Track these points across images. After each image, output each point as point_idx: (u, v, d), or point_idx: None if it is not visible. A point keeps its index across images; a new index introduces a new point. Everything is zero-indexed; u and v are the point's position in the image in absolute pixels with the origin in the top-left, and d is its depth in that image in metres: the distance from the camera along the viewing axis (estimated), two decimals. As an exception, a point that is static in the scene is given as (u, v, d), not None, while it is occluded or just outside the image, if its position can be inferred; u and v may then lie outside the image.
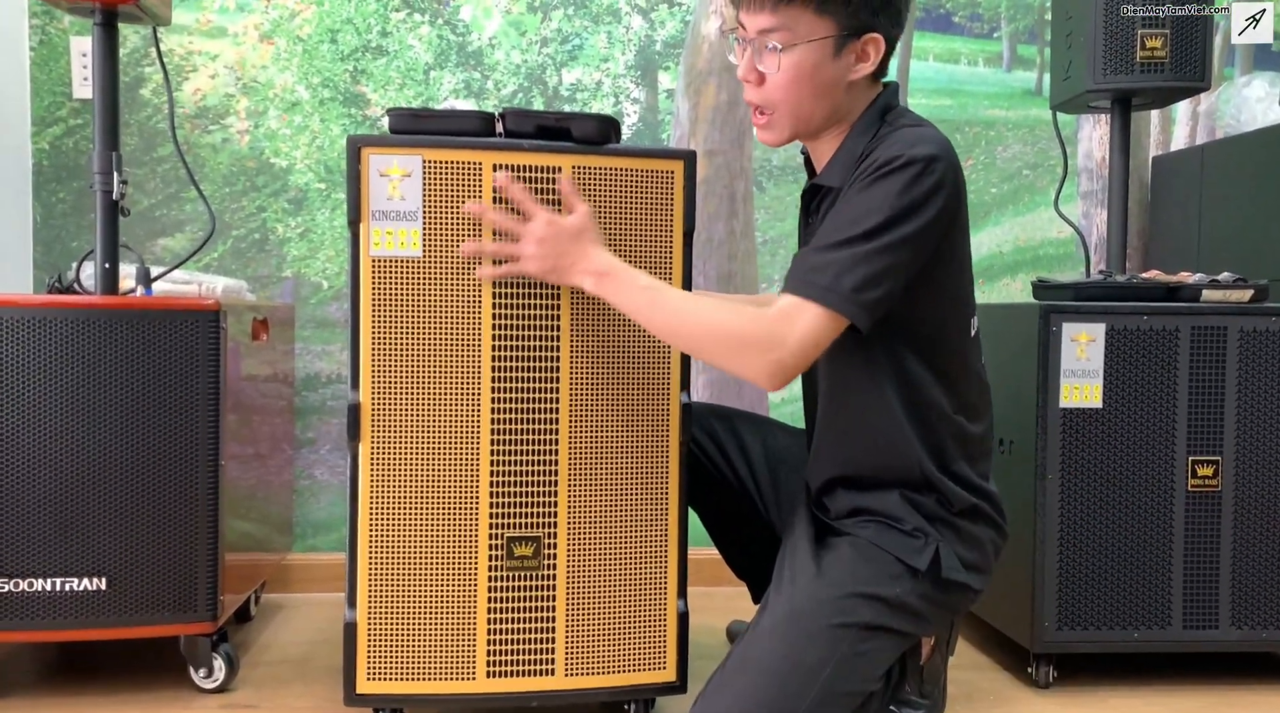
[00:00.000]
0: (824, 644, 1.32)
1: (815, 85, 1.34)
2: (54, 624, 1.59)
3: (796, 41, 1.31)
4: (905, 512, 1.40)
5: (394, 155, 1.42)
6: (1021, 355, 1.79)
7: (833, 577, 1.37)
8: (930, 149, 1.27)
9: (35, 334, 1.59)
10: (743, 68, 1.37)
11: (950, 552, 1.39)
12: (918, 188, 1.26)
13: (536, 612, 1.46)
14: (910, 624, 1.39)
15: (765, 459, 1.68)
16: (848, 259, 1.25)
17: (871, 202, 1.26)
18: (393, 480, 1.44)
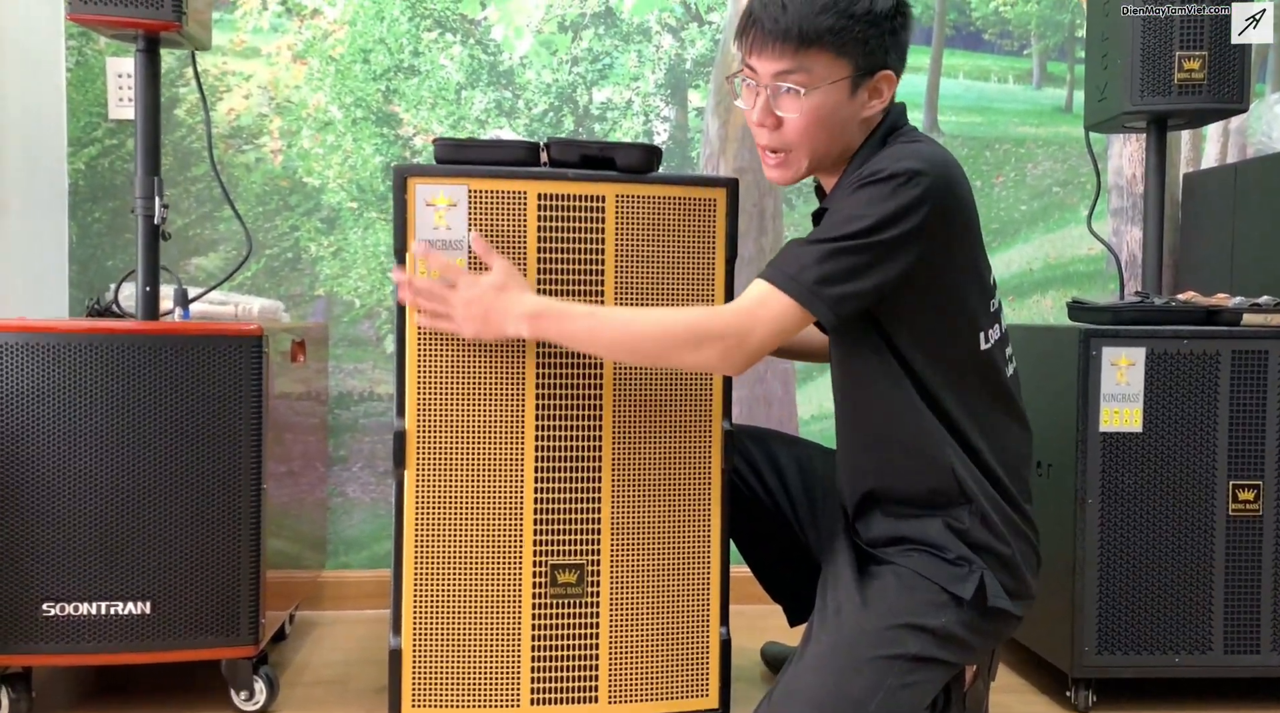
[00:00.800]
0: (871, 676, 1.32)
1: (832, 126, 1.34)
2: (99, 648, 1.60)
3: (815, 84, 1.30)
4: (948, 540, 1.39)
5: (440, 185, 1.43)
6: (1059, 378, 1.79)
7: (878, 607, 1.37)
8: (914, 163, 1.26)
9: (80, 359, 1.60)
10: (757, 113, 1.34)
11: (994, 579, 1.38)
12: (896, 198, 1.25)
13: (580, 639, 1.47)
14: (956, 654, 1.39)
15: (800, 481, 1.68)
16: (815, 254, 1.27)
17: (850, 208, 1.28)
18: (437, 507, 1.45)
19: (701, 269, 1.49)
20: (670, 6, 2.46)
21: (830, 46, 1.29)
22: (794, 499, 1.68)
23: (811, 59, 1.29)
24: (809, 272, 1.26)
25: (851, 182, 1.31)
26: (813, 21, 1.27)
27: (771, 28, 1.28)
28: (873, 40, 1.30)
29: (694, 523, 1.50)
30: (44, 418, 1.59)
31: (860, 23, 1.28)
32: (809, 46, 1.28)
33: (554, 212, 1.44)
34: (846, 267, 1.26)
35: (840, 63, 1.30)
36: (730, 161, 2.48)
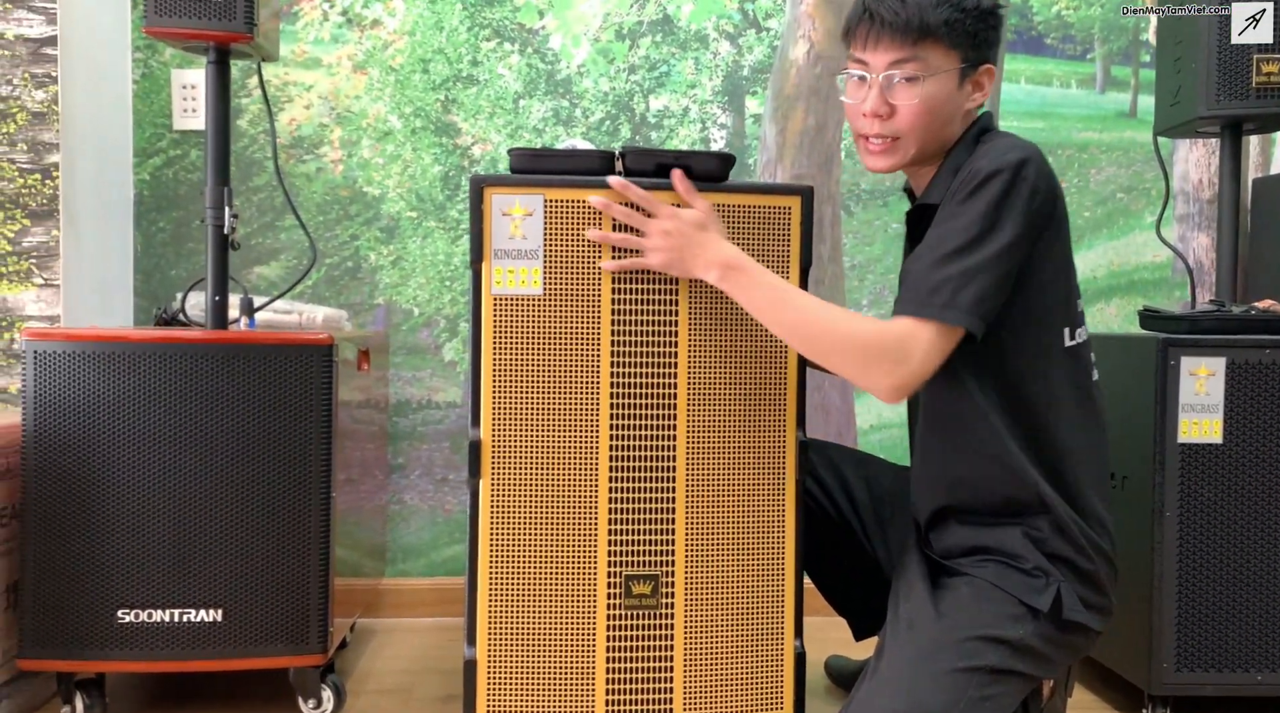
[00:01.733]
0: (949, 689, 1.30)
1: (941, 115, 1.39)
2: (171, 655, 1.61)
3: (929, 74, 1.36)
4: (1026, 549, 1.37)
5: (516, 195, 1.42)
6: (1135, 388, 1.75)
7: (954, 619, 1.35)
8: (1019, 154, 1.30)
9: (152, 369, 1.61)
10: (871, 103, 1.39)
11: (1071, 591, 1.36)
12: (1013, 194, 1.29)
13: (655, 651, 1.45)
14: (1034, 667, 1.36)
15: (868, 494, 1.67)
16: (959, 274, 1.28)
17: (973, 213, 1.30)
18: (512, 518, 1.44)
19: (776, 278, 1.47)
20: (728, 13, 2.45)
21: (944, 38, 1.35)
22: (861, 512, 1.66)
23: (927, 49, 1.36)
24: (961, 295, 1.28)
25: (959, 184, 1.33)
26: (930, 14, 1.34)
27: (891, 19, 1.35)
28: (980, 34, 1.37)
29: (768, 534, 1.49)
30: (117, 426, 1.60)
31: (970, 16, 1.36)
32: (925, 38, 1.35)
33: (630, 220, 1.43)
34: (992, 279, 1.29)
35: (952, 54, 1.36)
36: (788, 168, 2.46)
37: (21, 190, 1.98)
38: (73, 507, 1.60)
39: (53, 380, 1.60)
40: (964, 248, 1.29)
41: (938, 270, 1.29)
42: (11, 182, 1.98)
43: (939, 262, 1.30)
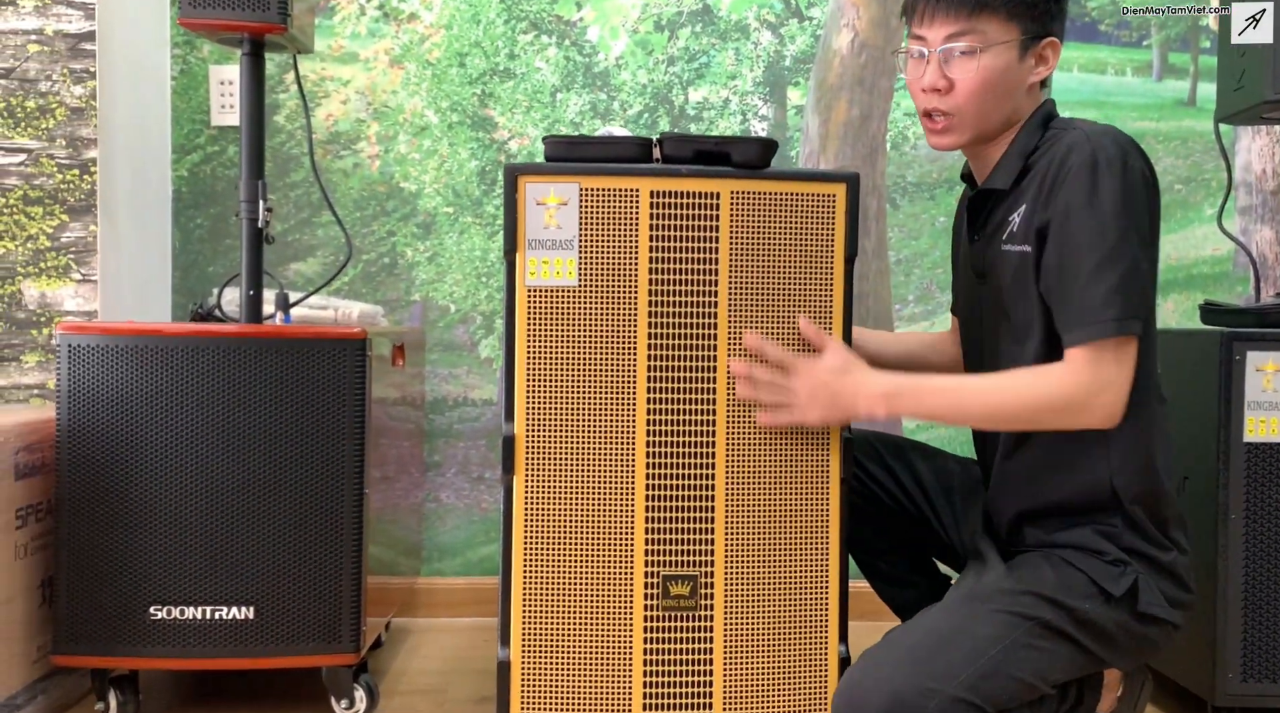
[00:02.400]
0: (998, 625, 1.28)
1: (1001, 89, 1.36)
2: (204, 653, 1.60)
3: (987, 46, 1.33)
4: (1102, 544, 1.35)
5: (551, 183, 1.38)
6: (1198, 385, 1.67)
7: (1021, 575, 1.34)
8: (1117, 149, 1.28)
9: (187, 362, 1.60)
10: (929, 77, 1.36)
11: (1150, 585, 1.33)
12: (1130, 178, 1.27)
13: (693, 654, 1.40)
14: (1096, 644, 1.32)
15: (939, 486, 1.61)
16: (1116, 282, 1.26)
17: (1104, 214, 1.27)
18: (547, 515, 1.40)
19: (820, 268, 1.42)
20: (769, 2, 2.39)
21: (1002, 9, 1.32)
22: (936, 506, 1.61)
23: (984, 21, 1.33)
24: (1130, 303, 1.26)
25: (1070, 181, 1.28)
26: None
27: None
28: (1039, 5, 1.34)
29: (811, 534, 1.43)
30: (150, 421, 1.59)
31: None
32: (982, 9, 1.32)
33: (667, 209, 1.39)
34: (1145, 274, 1.29)
35: (1011, 25, 1.33)
36: (831, 160, 2.40)
37: (60, 186, 1.98)
38: (106, 502, 1.58)
39: (87, 375, 1.59)
40: (1113, 253, 1.26)
41: (1097, 284, 1.26)
42: (50, 177, 1.98)
43: (1094, 274, 1.26)
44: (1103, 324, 1.26)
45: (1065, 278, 1.29)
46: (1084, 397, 1.28)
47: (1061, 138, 1.32)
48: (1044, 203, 1.31)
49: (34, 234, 1.98)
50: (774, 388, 1.38)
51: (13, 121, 1.97)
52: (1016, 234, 1.36)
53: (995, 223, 1.41)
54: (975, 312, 1.49)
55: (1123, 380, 1.28)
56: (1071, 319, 1.28)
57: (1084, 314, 1.27)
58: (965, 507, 1.56)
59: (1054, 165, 1.30)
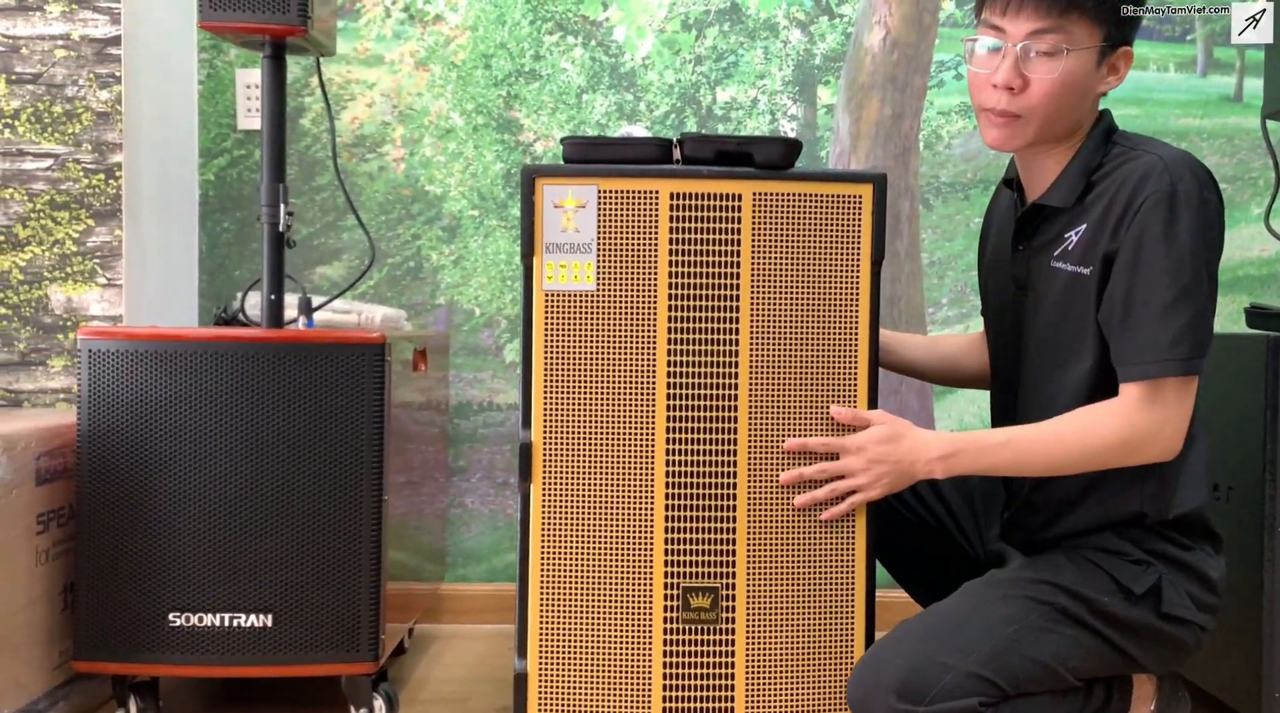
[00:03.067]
0: (1014, 607, 1.28)
1: (1076, 95, 1.31)
2: (222, 660, 1.58)
3: (1072, 47, 1.28)
4: (1126, 547, 1.33)
5: (568, 186, 1.36)
6: (1242, 391, 1.61)
7: (1040, 566, 1.34)
8: (1196, 181, 1.26)
9: (206, 367, 1.59)
10: (1004, 73, 1.30)
11: (1176, 586, 1.31)
12: (1208, 215, 1.26)
13: (715, 668, 1.37)
14: (1120, 637, 1.30)
15: (959, 495, 1.58)
16: (1188, 321, 1.24)
17: (1182, 250, 1.24)
18: (565, 524, 1.37)
19: (845, 271, 1.38)
20: (799, 0, 2.35)
21: (1090, 11, 1.28)
22: (959, 518, 1.58)
23: (1072, 22, 1.28)
24: (1197, 343, 1.25)
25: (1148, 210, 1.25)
26: None
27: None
28: (1119, 15, 1.30)
29: (836, 544, 1.39)
30: (169, 426, 1.58)
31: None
32: (1072, 9, 1.27)
33: (687, 211, 1.36)
34: (1210, 313, 1.28)
35: (1096, 30, 1.29)
36: (862, 160, 2.35)
37: (86, 190, 1.98)
38: (125, 508, 1.58)
39: (107, 380, 1.58)
40: (1188, 291, 1.24)
41: (1170, 321, 1.24)
42: (77, 182, 1.98)
43: (1168, 311, 1.24)
44: (1171, 362, 1.24)
45: (1133, 311, 1.26)
46: (1143, 435, 1.26)
47: (1134, 161, 1.29)
48: (1113, 229, 1.28)
49: (60, 239, 1.98)
50: (831, 474, 1.36)
51: (40, 126, 1.98)
52: (1073, 253, 1.33)
53: (1047, 237, 1.37)
54: (1009, 323, 1.45)
55: (1183, 417, 1.27)
56: (1135, 354, 1.26)
57: (1152, 351, 1.25)
58: (986, 513, 1.54)
59: (1125, 190, 1.27)
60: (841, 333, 1.38)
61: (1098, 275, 1.30)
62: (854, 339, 1.38)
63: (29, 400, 1.99)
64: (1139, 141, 1.34)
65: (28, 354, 1.98)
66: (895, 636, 1.30)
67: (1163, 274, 1.24)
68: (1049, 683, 1.26)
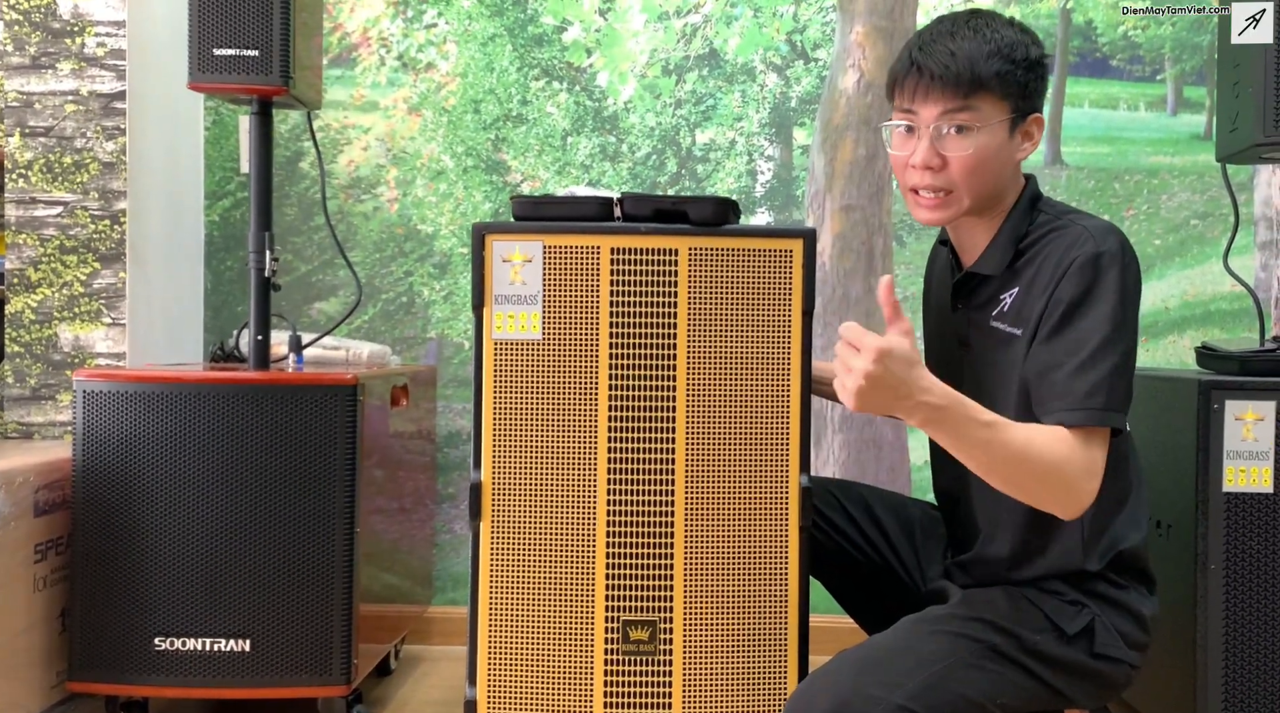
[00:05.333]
0: (944, 643, 1.31)
1: (994, 166, 1.36)
2: (204, 683, 1.69)
3: (982, 124, 1.33)
4: (1061, 586, 1.38)
5: (516, 241, 1.45)
6: (1179, 432, 1.66)
7: (973, 603, 1.37)
8: (1118, 246, 1.31)
9: (191, 406, 1.70)
10: (921, 155, 1.34)
11: (1108, 626, 1.34)
12: (1128, 282, 1.30)
13: (653, 697, 1.45)
14: (1051, 675, 1.33)
15: (901, 531, 1.63)
16: (1105, 375, 1.27)
17: (1104, 309, 1.30)
18: (512, 560, 1.46)
19: (778, 321, 1.46)
20: (775, 45, 2.43)
21: (996, 89, 1.33)
22: (900, 552, 1.63)
23: (979, 100, 1.33)
24: (1114, 396, 1.28)
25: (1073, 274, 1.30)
26: (982, 66, 1.32)
27: (942, 73, 1.32)
28: (1030, 84, 1.35)
29: (770, 581, 1.46)
30: (155, 462, 1.69)
31: (1020, 67, 1.34)
32: (977, 90, 1.33)
33: (627, 265, 1.44)
34: (1130, 369, 1.31)
35: (1002, 104, 1.34)
36: (837, 198, 2.43)
37: (93, 235, 2.11)
38: (116, 538, 1.69)
39: (101, 418, 1.70)
40: (1106, 347, 1.28)
41: (1088, 373, 1.28)
42: (84, 227, 2.11)
43: (1087, 363, 1.28)
44: (1088, 411, 1.26)
45: (1055, 364, 1.30)
46: (1078, 475, 1.25)
47: (1061, 230, 1.35)
48: (1040, 294, 1.34)
49: (69, 281, 2.11)
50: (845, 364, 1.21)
51: (50, 176, 2.11)
52: (1008, 314, 1.38)
53: (984, 298, 1.43)
54: (950, 373, 1.51)
55: (1100, 470, 1.27)
56: (1053, 403, 1.28)
57: (1070, 399, 1.27)
58: (926, 548, 1.58)
59: (1052, 258, 1.33)
60: (775, 379, 1.46)
61: (1028, 337, 1.35)
62: (786, 385, 1.46)
63: (39, 433, 2.12)
64: (1063, 210, 1.40)
65: (38, 389, 2.11)
66: (828, 668, 1.34)
67: (1083, 332, 1.29)
68: None
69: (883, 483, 2.37)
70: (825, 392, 1.69)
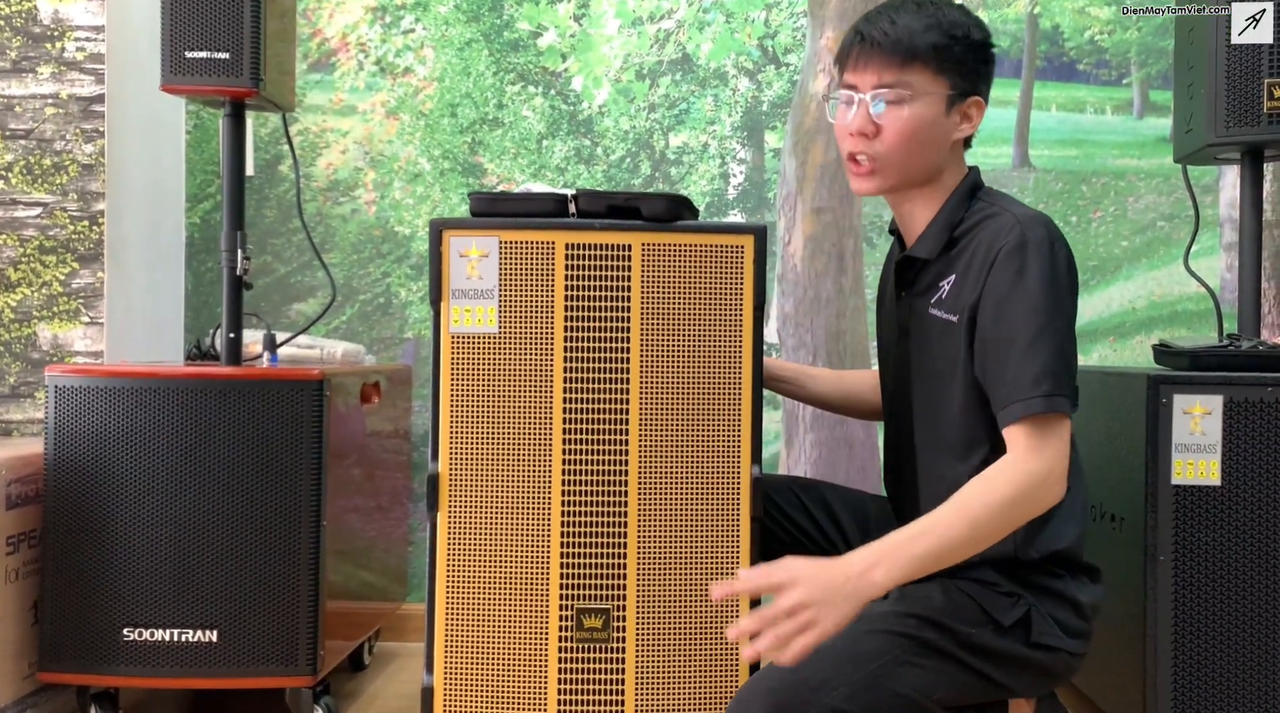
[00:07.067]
0: (879, 642, 1.31)
1: (925, 139, 1.39)
2: (172, 673, 1.72)
3: (916, 96, 1.37)
4: (997, 577, 1.38)
5: (472, 237, 1.48)
6: (1132, 425, 1.69)
7: (909, 601, 1.37)
8: (1044, 232, 1.33)
9: (160, 401, 1.73)
10: (856, 120, 1.39)
11: (1044, 615, 1.35)
12: (1056, 264, 1.32)
13: (606, 685, 1.47)
14: (989, 668, 1.34)
15: (856, 525, 1.66)
16: (1046, 360, 1.30)
17: (1034, 295, 1.31)
18: (468, 550, 1.49)
19: (729, 316, 1.49)
20: (747, 50, 2.47)
21: (931, 62, 1.37)
22: (852, 544, 1.65)
23: (914, 73, 1.37)
24: (1060, 379, 1.30)
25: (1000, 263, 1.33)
26: (919, 38, 1.37)
27: (880, 40, 1.37)
28: (968, 64, 1.38)
29: (722, 571, 1.49)
30: (126, 456, 1.72)
31: (959, 44, 1.37)
32: (913, 60, 1.37)
33: (581, 261, 1.48)
34: (1071, 348, 1.33)
35: (939, 80, 1.38)
36: (809, 201, 2.46)
37: (72, 236, 2.15)
38: (86, 531, 1.72)
39: (71, 413, 1.73)
40: (1042, 334, 1.30)
41: (1030, 362, 1.30)
42: (63, 228, 2.15)
43: (1026, 353, 1.30)
44: (1036, 400, 1.28)
45: (999, 360, 1.32)
46: (1036, 481, 1.28)
47: (992, 218, 1.37)
48: (973, 282, 1.36)
49: (48, 281, 2.15)
50: (781, 622, 1.20)
51: (30, 178, 2.15)
52: (945, 301, 1.41)
53: (924, 285, 1.45)
54: (894, 363, 1.54)
55: (1062, 457, 1.30)
56: (1005, 399, 1.31)
57: (1018, 391, 1.29)
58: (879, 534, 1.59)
59: (983, 246, 1.35)
60: (727, 372, 1.49)
61: (964, 325, 1.38)
62: (738, 378, 1.49)
63: (18, 430, 2.15)
64: (998, 199, 1.42)
65: (17, 387, 2.15)
66: (765, 672, 1.34)
67: (1018, 320, 1.32)
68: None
69: (854, 481, 2.40)
70: (778, 387, 1.72)
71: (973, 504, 1.28)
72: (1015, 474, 1.29)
